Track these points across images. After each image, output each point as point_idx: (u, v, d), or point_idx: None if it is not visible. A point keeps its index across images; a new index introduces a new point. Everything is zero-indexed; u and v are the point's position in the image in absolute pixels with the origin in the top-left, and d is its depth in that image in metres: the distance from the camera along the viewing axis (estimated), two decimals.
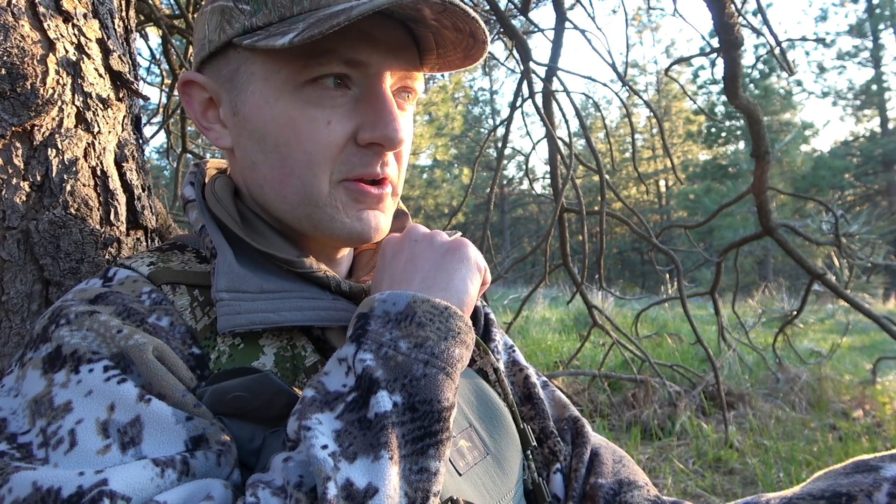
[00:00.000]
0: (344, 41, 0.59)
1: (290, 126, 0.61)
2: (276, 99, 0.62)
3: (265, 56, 0.61)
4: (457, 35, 0.63)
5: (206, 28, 0.66)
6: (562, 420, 0.83)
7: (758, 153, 2.56)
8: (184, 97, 0.68)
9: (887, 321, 2.69)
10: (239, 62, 0.63)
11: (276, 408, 0.55)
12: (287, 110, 0.61)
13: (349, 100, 0.62)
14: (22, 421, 0.51)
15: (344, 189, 0.64)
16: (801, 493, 0.62)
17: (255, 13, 0.61)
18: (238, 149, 0.66)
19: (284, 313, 0.60)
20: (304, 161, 0.62)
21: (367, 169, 0.63)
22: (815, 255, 6.78)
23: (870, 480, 0.58)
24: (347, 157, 0.63)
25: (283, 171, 0.63)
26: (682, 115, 25.60)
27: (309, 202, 0.63)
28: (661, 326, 6.44)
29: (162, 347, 0.55)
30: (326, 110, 0.61)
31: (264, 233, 0.67)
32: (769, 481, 2.45)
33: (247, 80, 0.63)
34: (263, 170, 0.64)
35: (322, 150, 0.62)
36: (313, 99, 0.61)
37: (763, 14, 2.06)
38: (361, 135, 0.62)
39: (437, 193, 19.18)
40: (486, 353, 0.77)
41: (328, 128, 0.61)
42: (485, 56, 0.66)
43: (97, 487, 0.45)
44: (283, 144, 0.62)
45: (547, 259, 3.08)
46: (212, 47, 0.64)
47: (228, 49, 0.64)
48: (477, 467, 0.64)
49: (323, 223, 0.64)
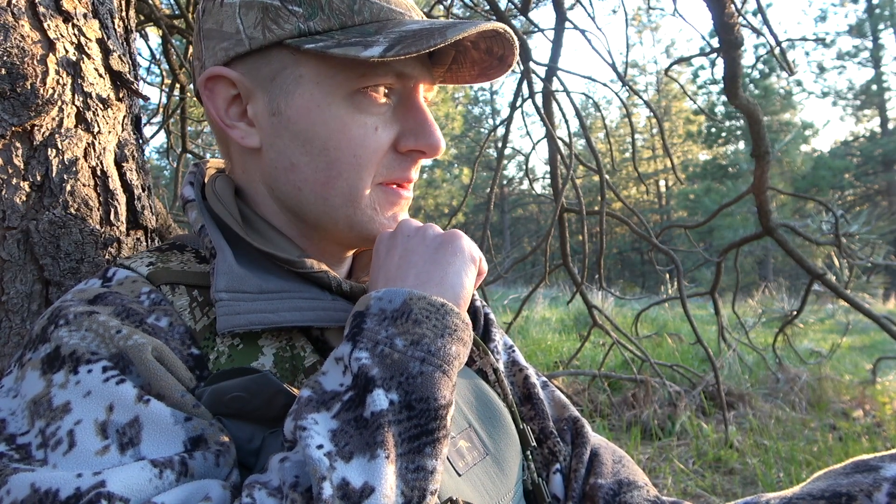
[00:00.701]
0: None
1: (341, 130, 0.63)
2: (328, 103, 0.63)
3: (319, 60, 0.62)
4: (484, 56, 0.68)
5: (238, 23, 0.63)
6: (561, 420, 0.83)
7: (758, 153, 2.56)
8: (205, 91, 0.66)
9: (887, 321, 2.69)
10: (284, 63, 0.63)
11: (275, 408, 0.55)
12: (339, 114, 0.63)
13: (389, 108, 0.66)
14: (21, 422, 0.51)
15: (382, 191, 0.67)
16: (800, 494, 0.62)
17: (311, 17, 0.61)
18: (272, 149, 0.65)
19: (284, 314, 0.60)
20: (353, 164, 0.64)
21: (404, 173, 0.67)
22: (815, 255, 6.78)
23: (870, 480, 0.59)
24: (388, 162, 0.66)
25: (330, 174, 0.64)
26: (682, 115, 25.61)
27: (351, 204, 0.65)
28: (661, 326, 6.44)
29: (161, 348, 0.55)
30: (374, 117, 0.64)
31: (265, 233, 0.67)
32: (769, 481, 2.45)
33: (294, 81, 0.63)
34: (306, 171, 0.64)
35: (370, 154, 0.64)
36: (364, 105, 0.63)
37: (763, 14, 2.06)
38: (404, 142, 0.66)
39: (437, 193, 19.19)
40: (485, 353, 0.77)
41: (376, 134, 0.64)
42: (502, 75, 0.70)
43: (95, 489, 0.45)
44: (334, 148, 0.63)
45: (547, 259, 3.08)
46: (254, 45, 0.62)
47: (272, 48, 0.63)
48: (476, 468, 0.64)
49: (361, 224, 0.66)
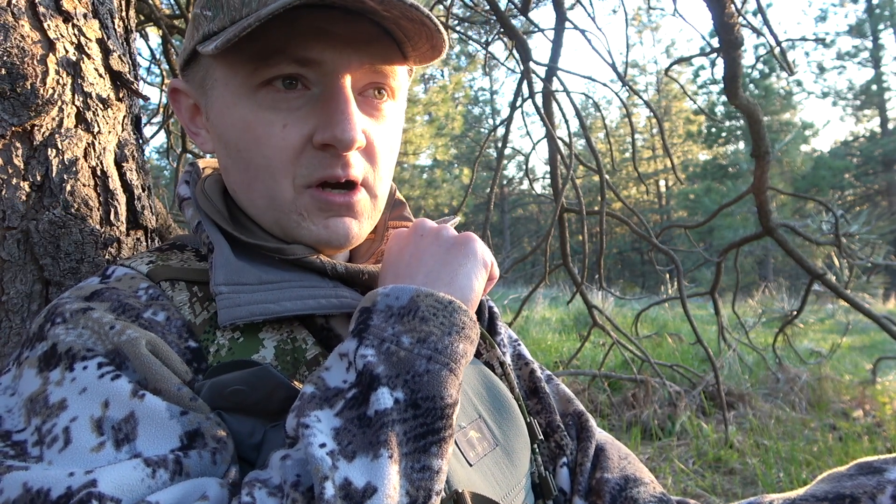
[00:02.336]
0: (293, 40, 0.58)
1: (247, 130, 0.61)
2: (234, 104, 0.61)
3: (221, 61, 0.61)
4: (412, 25, 0.60)
5: (188, 38, 0.67)
6: (567, 415, 0.83)
7: (758, 153, 2.56)
8: (173, 104, 0.70)
9: (887, 321, 2.69)
10: (206, 68, 0.64)
11: (275, 402, 0.55)
12: (244, 114, 0.61)
13: (307, 101, 0.61)
14: (18, 419, 0.51)
15: (309, 196, 0.62)
16: (804, 496, 0.62)
17: (213, 19, 0.61)
18: (216, 154, 0.68)
19: (285, 303, 0.60)
20: (264, 166, 0.61)
21: (326, 171, 0.61)
22: (815, 255, 6.78)
23: (873, 483, 0.59)
24: (307, 161, 0.61)
25: (248, 176, 0.63)
26: (682, 115, 25.60)
27: (275, 207, 0.63)
28: (661, 326, 6.44)
29: (155, 341, 0.55)
30: (282, 113, 0.60)
31: (252, 228, 0.67)
32: (769, 481, 2.45)
33: (212, 85, 0.64)
34: (233, 174, 0.65)
35: (279, 153, 0.60)
36: (268, 102, 0.60)
37: (763, 14, 2.06)
38: (315, 136, 0.60)
39: (437, 193, 19.19)
40: (491, 346, 0.76)
41: (284, 131, 0.60)
42: (446, 45, 0.62)
43: (86, 489, 0.44)
44: (244, 149, 0.62)
45: (547, 259, 3.08)
46: (185, 55, 0.66)
47: (197, 56, 0.65)
48: (486, 458, 0.64)
49: (290, 229, 0.64)
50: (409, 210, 0.81)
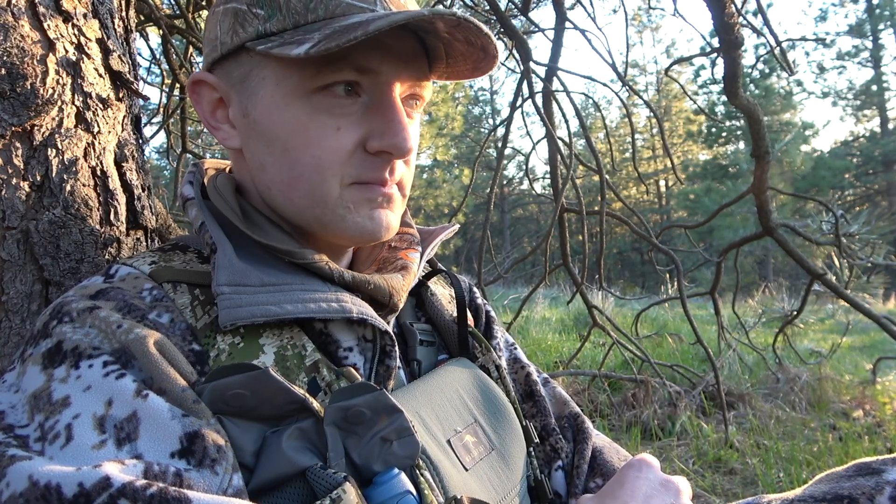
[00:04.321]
0: (356, 49, 0.60)
1: (299, 131, 0.62)
2: (286, 104, 0.62)
3: (277, 61, 0.62)
4: (468, 48, 0.64)
5: (218, 29, 0.65)
6: (563, 417, 0.83)
7: (758, 153, 2.56)
8: (193, 96, 0.68)
9: (887, 321, 2.68)
10: (251, 66, 0.64)
11: (276, 406, 0.55)
12: (297, 115, 0.62)
13: (359, 107, 0.63)
14: (21, 415, 0.51)
15: (356, 190, 0.64)
16: (802, 496, 0.62)
17: (269, 18, 0.61)
18: (247, 150, 0.67)
19: (286, 305, 0.59)
20: (312, 165, 0.62)
21: (375, 174, 0.64)
22: (815, 255, 6.77)
23: (872, 483, 0.59)
24: (357, 163, 0.63)
25: (292, 175, 0.63)
26: (682, 115, 25.61)
27: (318, 204, 0.64)
28: (661, 326, 6.44)
29: (163, 341, 0.55)
30: (336, 117, 0.62)
31: (264, 227, 0.67)
32: (769, 481, 2.45)
33: (258, 83, 0.63)
34: (272, 172, 0.65)
35: (331, 155, 0.62)
36: (324, 105, 0.62)
37: (763, 14, 2.06)
38: (371, 143, 0.63)
39: (437, 193, 19.17)
40: (487, 350, 0.77)
41: (337, 134, 0.62)
42: (495, 68, 0.67)
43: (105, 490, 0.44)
44: (293, 149, 0.63)
45: (547, 259, 3.08)
46: (224, 49, 0.64)
47: (241, 52, 0.64)
48: (482, 462, 0.64)
49: (334, 223, 0.65)
50: (408, 213, 0.81)
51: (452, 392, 0.70)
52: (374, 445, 0.56)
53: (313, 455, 0.54)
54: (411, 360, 0.73)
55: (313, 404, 0.56)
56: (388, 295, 0.67)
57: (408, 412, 0.58)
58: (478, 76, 0.69)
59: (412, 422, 0.57)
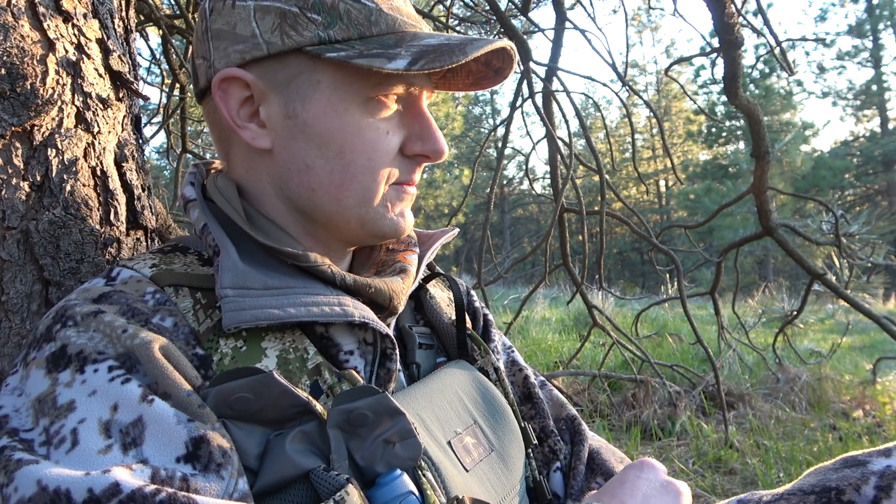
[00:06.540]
0: None
1: (356, 134, 0.65)
2: (345, 109, 0.64)
3: (336, 68, 0.63)
4: (481, 67, 0.70)
5: (254, 27, 0.63)
6: (560, 420, 0.84)
7: (758, 153, 2.56)
8: (219, 92, 0.66)
9: (887, 321, 2.68)
10: (301, 68, 0.63)
11: (280, 409, 0.55)
12: (355, 119, 0.65)
13: (396, 114, 0.68)
14: (25, 419, 0.51)
15: (394, 190, 0.69)
16: (791, 489, 0.64)
17: (330, 26, 0.62)
18: (286, 151, 0.66)
19: (289, 309, 0.60)
20: (366, 167, 0.66)
21: (410, 176, 0.70)
22: (815, 255, 6.77)
23: (857, 474, 0.60)
24: (398, 165, 0.68)
25: (345, 176, 0.66)
26: (682, 115, 25.62)
27: (364, 204, 0.67)
28: (661, 326, 6.44)
29: (168, 345, 0.55)
30: (385, 122, 0.66)
31: (268, 229, 0.67)
32: (769, 481, 2.45)
33: (311, 87, 0.64)
34: (321, 174, 0.65)
35: (382, 157, 0.66)
36: (377, 111, 0.66)
37: (763, 14, 2.06)
38: (410, 147, 0.68)
39: (437, 193, 19.17)
40: (486, 352, 0.77)
41: (387, 137, 0.66)
42: (496, 84, 0.73)
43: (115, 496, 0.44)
44: (349, 151, 0.65)
45: (547, 259, 3.08)
46: (273, 49, 0.63)
47: (289, 54, 0.63)
48: (482, 464, 0.65)
49: (373, 221, 0.68)
50: None
51: (452, 394, 0.70)
52: (377, 447, 0.56)
53: (316, 457, 0.54)
54: (410, 363, 0.73)
55: (316, 407, 0.56)
56: (388, 298, 0.68)
57: (409, 414, 0.58)
58: (475, 90, 0.75)
59: (414, 424, 0.58)
